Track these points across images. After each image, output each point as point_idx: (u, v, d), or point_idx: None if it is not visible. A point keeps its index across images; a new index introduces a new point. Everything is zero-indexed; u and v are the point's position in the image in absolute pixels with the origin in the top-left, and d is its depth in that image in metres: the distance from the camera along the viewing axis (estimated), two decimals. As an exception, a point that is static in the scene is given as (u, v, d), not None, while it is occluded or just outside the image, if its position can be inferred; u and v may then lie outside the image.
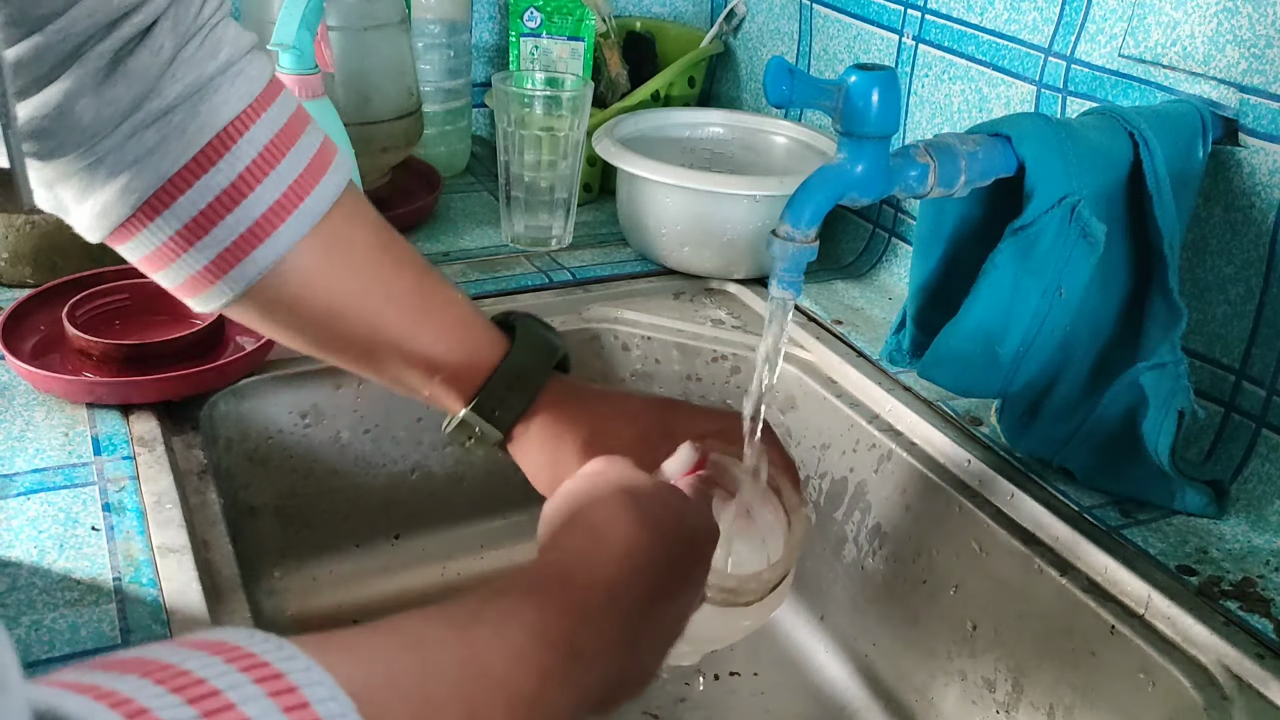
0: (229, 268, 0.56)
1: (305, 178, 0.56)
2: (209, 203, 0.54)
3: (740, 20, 1.19)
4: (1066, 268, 0.64)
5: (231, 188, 0.54)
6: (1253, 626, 0.60)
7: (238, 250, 0.55)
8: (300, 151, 0.57)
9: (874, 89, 0.57)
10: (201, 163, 0.53)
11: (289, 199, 0.56)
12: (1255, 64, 0.68)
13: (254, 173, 0.55)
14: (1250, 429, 0.71)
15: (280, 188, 0.55)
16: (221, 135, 0.54)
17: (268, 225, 0.55)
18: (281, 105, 0.57)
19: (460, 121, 1.16)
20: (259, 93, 0.55)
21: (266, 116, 0.56)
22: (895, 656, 0.79)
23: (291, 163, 0.56)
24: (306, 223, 0.56)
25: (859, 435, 0.81)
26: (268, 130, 0.55)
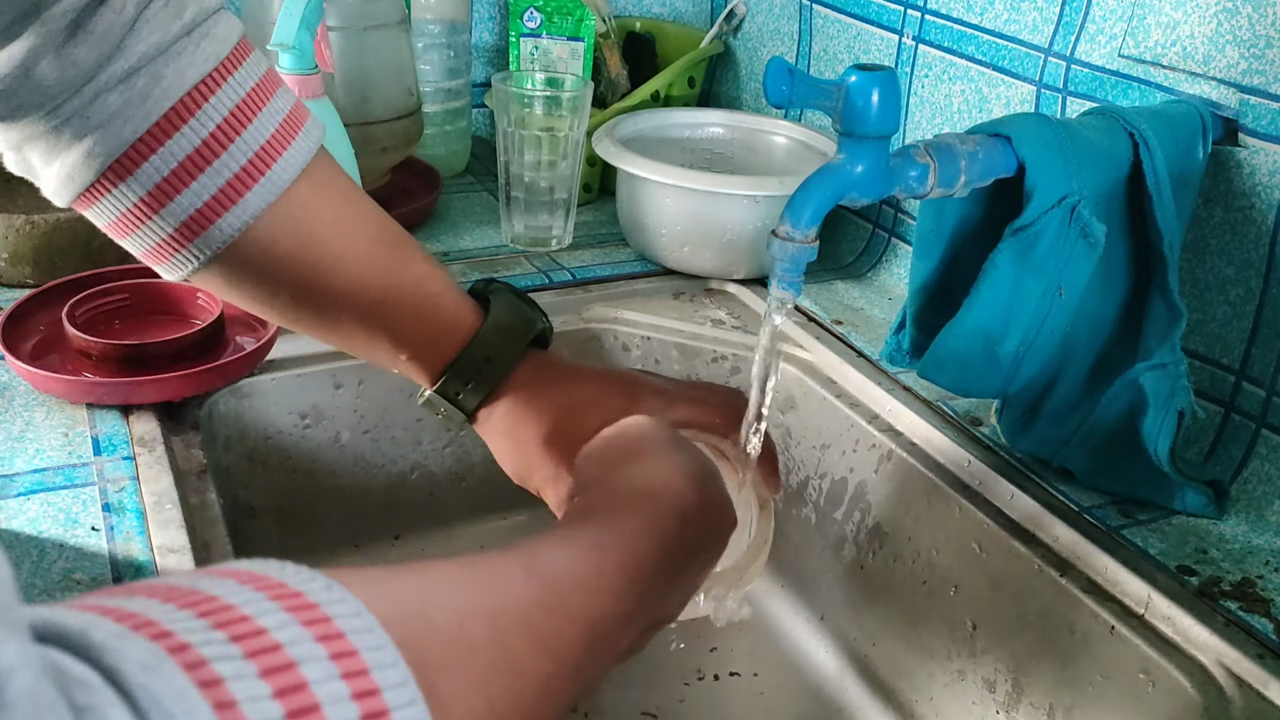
0: (195, 235, 0.55)
1: (273, 143, 0.56)
2: (173, 168, 0.53)
3: (740, 20, 1.19)
4: (1066, 268, 0.64)
5: (196, 153, 0.53)
6: (1253, 626, 0.60)
7: (203, 217, 0.55)
8: (269, 115, 0.56)
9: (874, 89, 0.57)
10: (165, 128, 0.53)
11: (255, 165, 0.55)
12: (1255, 64, 0.68)
13: (219, 138, 0.54)
14: (1250, 429, 0.71)
15: (246, 154, 0.55)
16: (186, 100, 0.53)
17: (233, 192, 0.55)
18: (250, 67, 0.56)
19: (460, 121, 1.16)
20: (226, 54, 0.54)
21: (234, 79, 0.55)
22: (895, 656, 0.79)
23: (258, 128, 0.55)
24: (273, 190, 0.56)
25: (859, 435, 0.81)
26: (234, 94, 0.54)
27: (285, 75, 0.82)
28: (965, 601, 0.72)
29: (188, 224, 0.55)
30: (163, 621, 0.25)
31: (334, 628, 0.28)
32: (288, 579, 0.29)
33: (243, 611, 0.27)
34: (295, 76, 0.82)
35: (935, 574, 0.75)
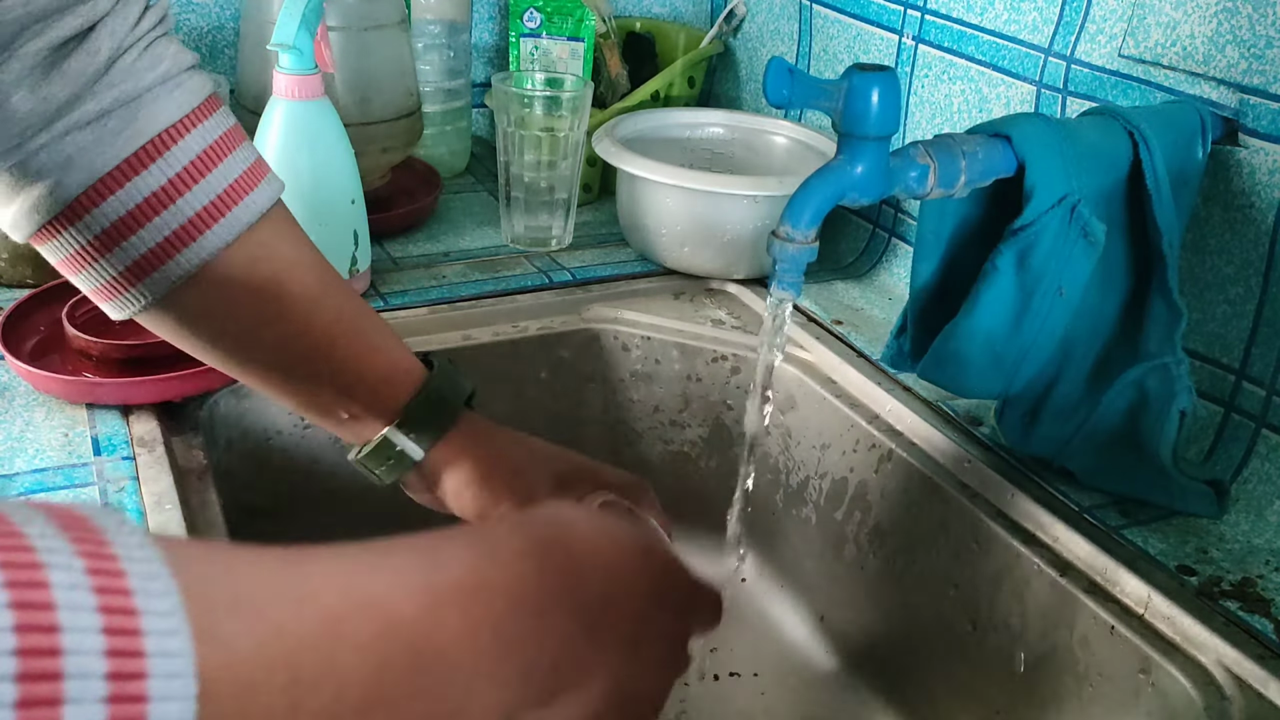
0: (147, 273, 0.56)
1: (236, 188, 0.57)
2: (137, 204, 0.54)
3: (740, 20, 1.19)
4: (1066, 268, 0.64)
5: (161, 191, 0.55)
6: (1253, 626, 0.60)
7: (156, 257, 0.56)
8: (233, 163, 0.57)
9: (874, 89, 0.57)
10: (134, 165, 0.54)
11: (217, 206, 0.56)
12: (1255, 64, 0.68)
13: (184, 179, 0.55)
14: (1250, 429, 0.71)
15: (209, 195, 0.56)
16: (155, 141, 0.54)
17: (193, 230, 0.56)
18: (218, 120, 0.58)
19: (460, 122, 1.16)
20: (196, 105, 0.56)
21: (202, 128, 0.56)
22: (895, 656, 0.79)
23: (223, 173, 0.57)
24: (233, 230, 0.57)
25: (859, 435, 0.81)
26: (202, 140, 0.56)
27: (285, 75, 0.82)
28: (965, 601, 0.72)
29: (140, 261, 0.56)
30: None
31: (109, 550, 0.26)
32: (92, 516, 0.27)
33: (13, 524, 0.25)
34: (295, 76, 0.82)
35: (935, 574, 0.75)
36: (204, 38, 1.09)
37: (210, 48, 1.10)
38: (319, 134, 0.84)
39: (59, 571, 0.24)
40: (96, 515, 0.27)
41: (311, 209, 0.84)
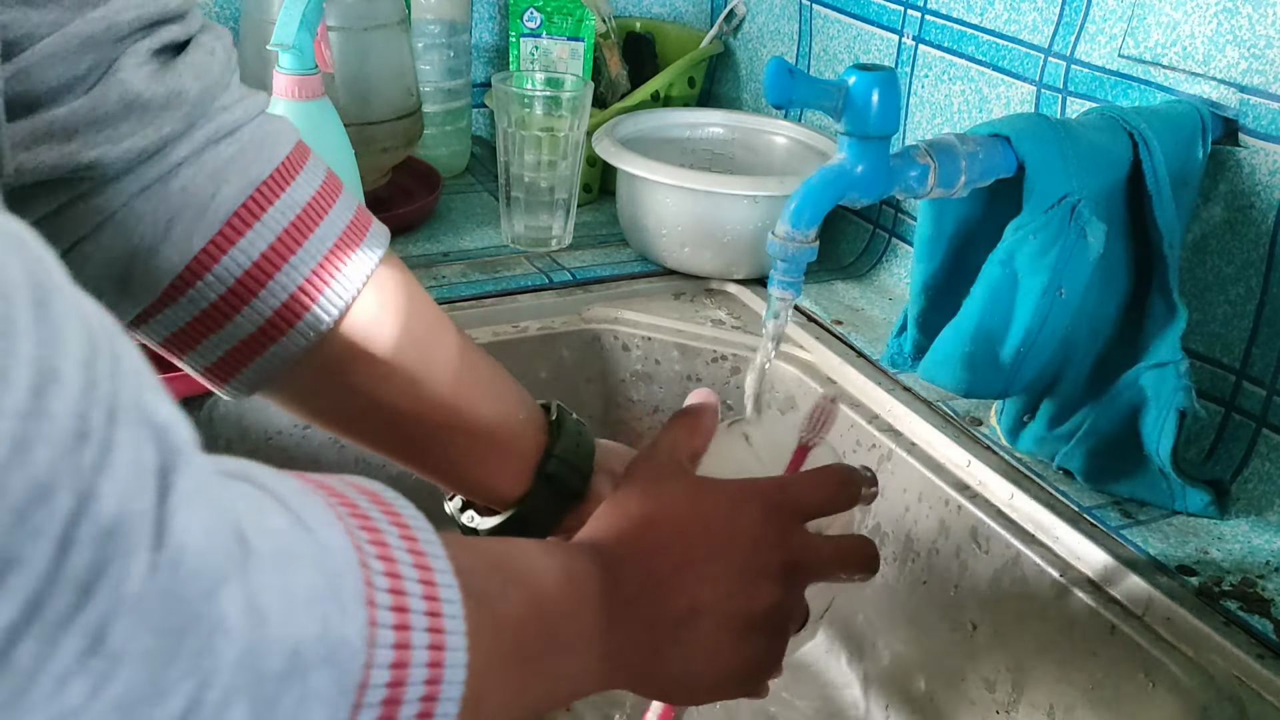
0: (282, 332, 0.53)
1: (348, 239, 0.54)
2: (287, 224, 0.52)
3: (740, 20, 1.19)
4: (1067, 267, 0.64)
5: (299, 220, 0.52)
6: (1253, 626, 0.60)
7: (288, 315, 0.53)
8: (346, 202, 0.55)
9: (874, 89, 0.57)
10: (279, 179, 0.52)
11: (332, 262, 0.53)
12: (1255, 64, 0.68)
13: (319, 203, 0.53)
14: (1251, 429, 0.71)
15: (331, 238, 0.53)
16: (295, 152, 0.53)
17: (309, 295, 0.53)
18: (316, 162, 0.55)
19: (460, 122, 1.16)
20: (298, 137, 0.55)
21: (315, 155, 0.55)
22: (895, 656, 0.79)
23: (333, 221, 0.54)
24: (349, 291, 0.54)
25: (859, 435, 0.81)
26: (322, 164, 0.55)
27: (285, 75, 0.82)
28: (965, 601, 0.72)
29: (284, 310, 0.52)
30: None
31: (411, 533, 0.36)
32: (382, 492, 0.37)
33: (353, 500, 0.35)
34: (295, 77, 0.82)
35: (935, 574, 0.75)
36: (204, 38, 1.09)
37: (210, 48, 1.09)
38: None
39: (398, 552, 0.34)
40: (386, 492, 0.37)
41: (311, 209, 0.84)
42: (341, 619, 0.30)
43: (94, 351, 0.24)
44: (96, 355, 0.24)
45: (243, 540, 0.28)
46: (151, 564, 0.24)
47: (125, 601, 0.24)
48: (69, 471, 0.23)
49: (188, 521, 0.25)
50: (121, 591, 0.24)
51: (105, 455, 0.23)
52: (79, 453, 0.23)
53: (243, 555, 0.28)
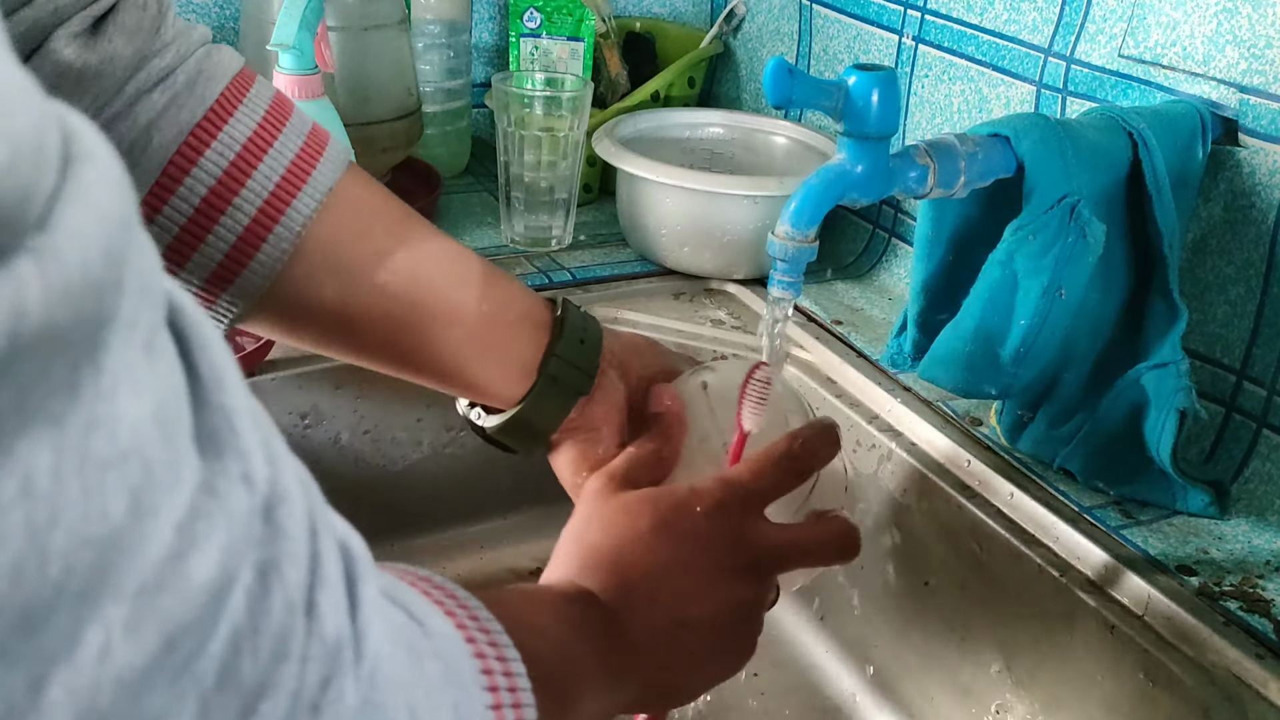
0: (259, 242, 0.53)
1: (312, 143, 0.55)
2: (226, 168, 0.52)
3: (740, 20, 1.19)
4: (1066, 268, 0.64)
5: (246, 150, 0.52)
6: (1253, 626, 0.60)
7: (264, 223, 0.53)
8: (299, 120, 0.55)
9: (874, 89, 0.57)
10: (219, 114, 0.52)
11: (300, 166, 0.54)
12: (1255, 64, 0.68)
13: (264, 134, 0.53)
14: (1251, 429, 0.71)
15: (288, 155, 0.53)
16: (232, 86, 0.52)
17: (285, 193, 0.53)
18: (264, 84, 0.55)
19: (460, 122, 1.16)
20: (242, 65, 0.54)
21: (260, 81, 0.55)
22: (895, 656, 0.79)
23: (295, 128, 0.55)
24: (321, 188, 0.54)
25: (859, 435, 0.81)
26: (265, 95, 0.54)
27: (285, 75, 0.82)
28: (965, 601, 0.72)
29: (243, 240, 0.52)
30: None
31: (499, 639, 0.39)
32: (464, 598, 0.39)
33: None
34: (295, 76, 0.82)
35: (935, 574, 0.75)
36: (204, 38, 1.09)
37: (210, 48, 1.10)
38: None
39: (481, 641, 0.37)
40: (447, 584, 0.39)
41: (311, 209, 0.84)
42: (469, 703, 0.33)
43: (296, 464, 0.25)
44: (299, 473, 0.25)
45: (412, 650, 0.30)
46: (357, 677, 0.25)
47: (346, 714, 0.24)
48: (301, 587, 0.23)
49: (377, 633, 0.26)
50: (340, 709, 0.24)
51: (318, 570, 0.24)
52: (308, 570, 0.23)
53: (413, 662, 0.29)
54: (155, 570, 0.20)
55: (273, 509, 0.23)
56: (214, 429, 0.22)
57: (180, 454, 0.21)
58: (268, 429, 0.24)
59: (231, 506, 0.22)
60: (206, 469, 0.21)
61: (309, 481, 0.26)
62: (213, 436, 0.22)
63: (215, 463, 0.22)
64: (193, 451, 0.21)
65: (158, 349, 0.21)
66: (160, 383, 0.21)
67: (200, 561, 0.21)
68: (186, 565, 0.20)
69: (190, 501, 0.21)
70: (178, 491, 0.20)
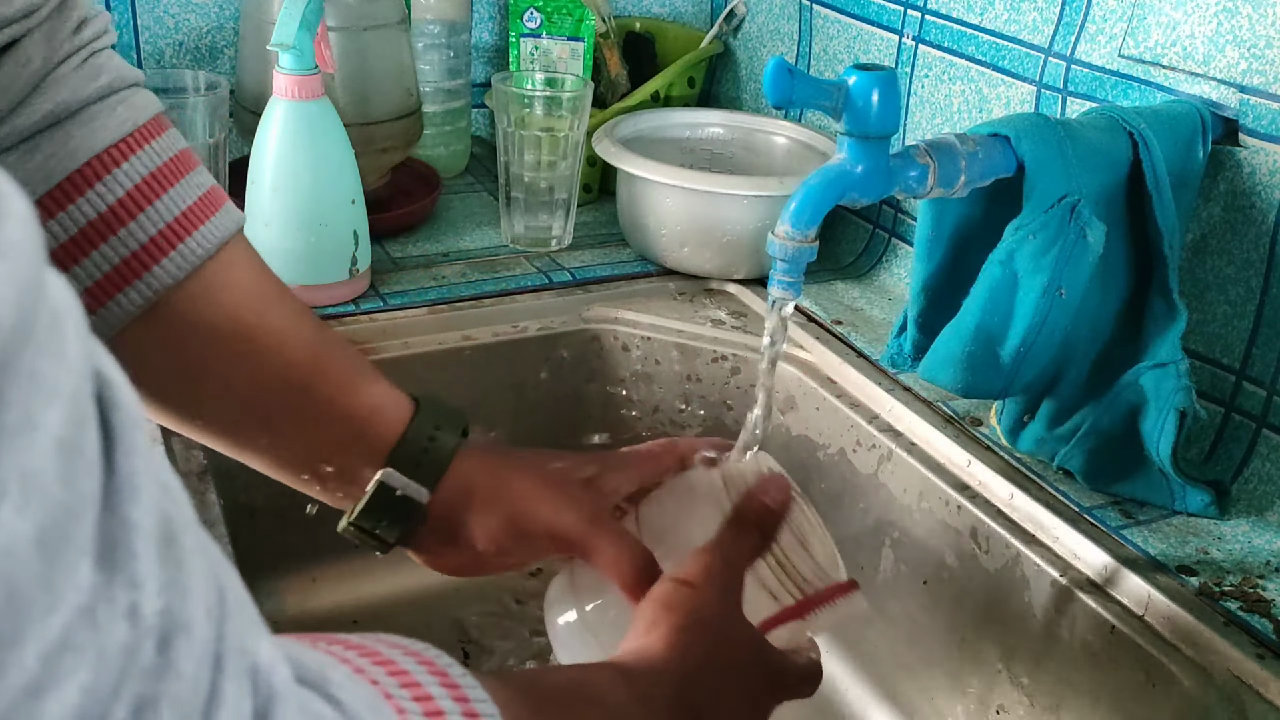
0: (96, 306, 0.51)
1: (189, 215, 0.52)
2: (79, 230, 0.49)
3: (740, 20, 1.19)
4: (1067, 267, 0.64)
5: (101, 219, 0.50)
6: (1253, 627, 0.60)
7: (109, 285, 0.50)
8: (185, 189, 0.53)
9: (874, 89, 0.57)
10: (69, 190, 0.49)
11: (167, 236, 0.52)
12: (1255, 64, 0.68)
13: (130, 204, 0.50)
14: (1251, 429, 0.71)
15: (158, 223, 0.51)
16: (95, 161, 0.50)
17: (142, 261, 0.51)
18: (167, 142, 0.53)
19: (460, 122, 1.16)
20: (142, 123, 0.52)
21: (149, 149, 0.52)
22: (895, 657, 0.79)
23: (174, 198, 0.52)
24: (188, 262, 0.52)
25: (859, 435, 0.81)
26: (148, 163, 0.51)
27: (285, 75, 0.82)
28: (966, 601, 0.72)
29: (85, 296, 0.50)
30: (368, 672, 0.33)
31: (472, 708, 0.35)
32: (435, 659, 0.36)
33: (415, 679, 0.34)
34: (295, 77, 0.82)
35: (935, 574, 0.75)
36: (204, 38, 1.09)
37: (210, 48, 1.10)
38: (319, 134, 0.84)
39: None
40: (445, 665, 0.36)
41: (311, 209, 0.84)
42: None
43: (218, 594, 0.22)
44: (220, 598, 0.22)
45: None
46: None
47: None
48: None
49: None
50: None
51: (213, 714, 0.22)
52: (199, 713, 0.21)
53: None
54: (8, 705, 0.18)
55: (166, 642, 0.20)
56: (114, 543, 0.20)
57: (65, 571, 0.18)
58: (191, 546, 0.21)
59: (106, 642, 0.19)
60: (93, 590, 0.19)
61: (240, 605, 0.23)
62: (110, 551, 0.20)
63: (104, 586, 0.19)
64: (85, 564, 0.19)
65: (76, 446, 0.19)
66: (63, 496, 0.18)
67: (58, 700, 0.18)
68: (42, 704, 0.18)
69: (65, 626, 0.18)
70: (55, 613, 0.18)
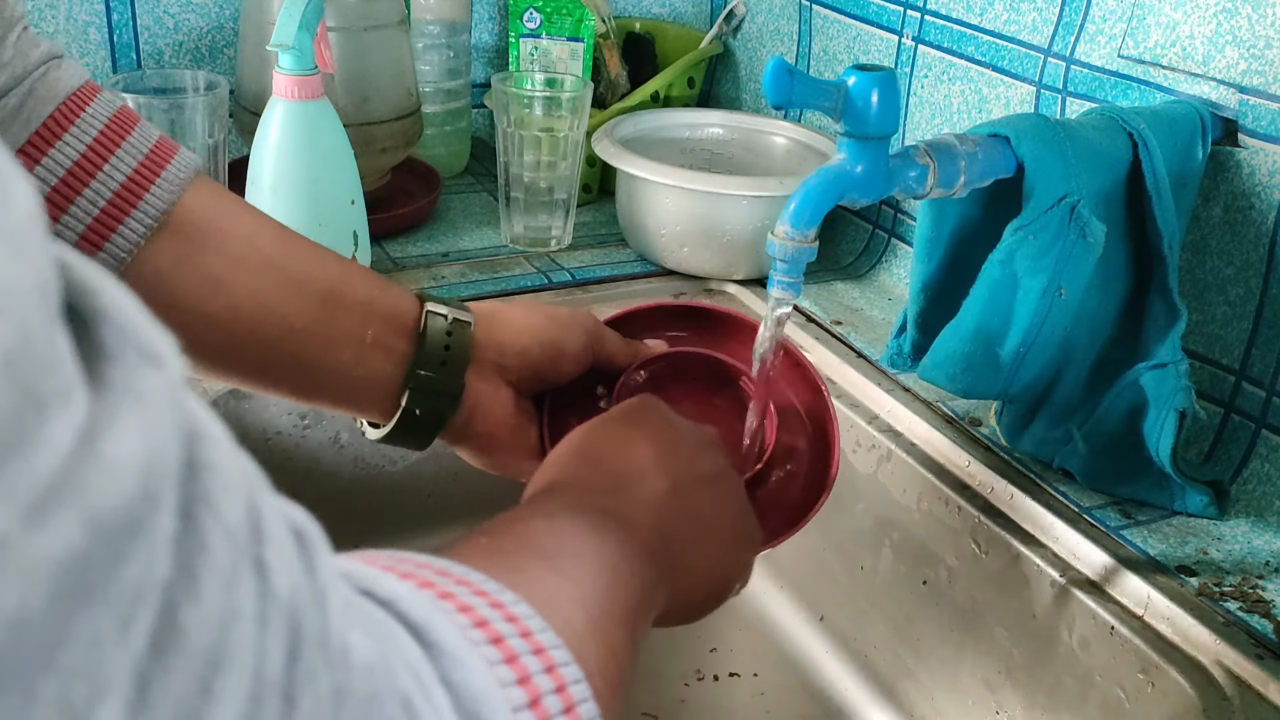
0: (103, 241, 0.51)
1: (160, 149, 0.53)
2: (60, 178, 0.51)
3: (740, 21, 1.19)
4: (1066, 268, 0.64)
5: (84, 159, 0.51)
6: (1253, 627, 0.60)
7: (108, 220, 0.51)
8: (145, 130, 0.54)
9: (874, 89, 0.57)
10: (46, 138, 0.50)
11: (149, 166, 0.53)
12: (1255, 64, 0.68)
13: (105, 142, 0.52)
14: (1250, 430, 0.71)
15: (137, 157, 0.52)
16: (64, 106, 0.51)
17: (139, 183, 0.52)
18: (109, 96, 0.54)
19: (460, 122, 1.16)
20: (86, 80, 0.53)
21: (102, 98, 0.53)
22: (895, 656, 0.79)
23: (140, 136, 0.53)
24: (176, 185, 0.53)
25: (859, 435, 0.81)
26: (108, 107, 0.53)
27: (285, 75, 0.82)
28: (965, 601, 0.72)
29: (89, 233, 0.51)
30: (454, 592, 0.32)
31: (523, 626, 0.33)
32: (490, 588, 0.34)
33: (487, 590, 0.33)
34: (294, 77, 0.82)
35: (935, 574, 0.75)
36: (204, 38, 1.09)
37: (210, 48, 1.10)
38: (319, 134, 0.84)
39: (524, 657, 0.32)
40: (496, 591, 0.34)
41: (311, 209, 0.84)
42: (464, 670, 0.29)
43: None
44: None
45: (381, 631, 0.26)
46: (328, 660, 0.22)
47: (323, 706, 0.21)
48: (241, 524, 0.20)
49: (339, 608, 0.23)
50: (318, 693, 0.21)
51: (260, 523, 0.21)
52: (246, 518, 0.21)
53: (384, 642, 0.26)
54: (55, 465, 0.17)
55: (194, 442, 0.20)
56: (104, 343, 0.19)
57: (64, 358, 0.18)
58: None
59: (143, 389, 0.18)
60: (97, 389, 0.18)
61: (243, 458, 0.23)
62: (102, 350, 0.19)
63: (113, 369, 0.18)
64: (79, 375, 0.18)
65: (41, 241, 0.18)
66: (46, 265, 0.18)
67: (114, 443, 0.17)
68: (98, 447, 0.17)
69: (87, 406, 0.18)
70: (69, 399, 0.17)
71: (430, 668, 0.27)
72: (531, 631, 0.32)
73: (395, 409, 0.58)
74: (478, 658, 0.29)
